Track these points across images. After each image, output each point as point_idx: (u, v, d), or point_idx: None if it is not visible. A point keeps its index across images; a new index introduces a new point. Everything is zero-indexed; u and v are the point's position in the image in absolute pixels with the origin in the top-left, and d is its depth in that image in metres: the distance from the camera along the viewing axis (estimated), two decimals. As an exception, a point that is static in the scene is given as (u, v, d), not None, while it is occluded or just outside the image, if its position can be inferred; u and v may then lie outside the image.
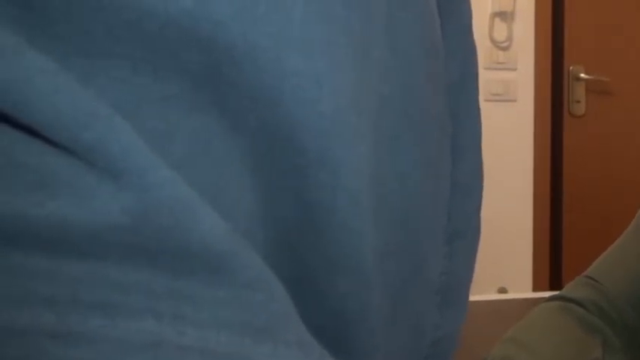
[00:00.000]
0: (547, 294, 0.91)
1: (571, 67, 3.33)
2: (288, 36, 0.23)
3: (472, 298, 1.71)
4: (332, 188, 0.24)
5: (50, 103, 0.19)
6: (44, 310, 0.18)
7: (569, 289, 0.83)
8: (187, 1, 0.21)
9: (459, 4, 0.35)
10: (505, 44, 3.22)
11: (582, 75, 3.33)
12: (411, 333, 0.32)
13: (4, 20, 0.20)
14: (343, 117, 0.24)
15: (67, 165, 0.19)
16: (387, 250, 0.28)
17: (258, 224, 0.24)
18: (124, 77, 0.21)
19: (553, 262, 3.33)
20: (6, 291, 0.18)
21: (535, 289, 3.23)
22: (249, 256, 0.21)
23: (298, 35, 0.23)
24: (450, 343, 0.35)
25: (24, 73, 0.19)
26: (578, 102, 3.36)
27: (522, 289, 3.20)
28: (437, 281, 0.33)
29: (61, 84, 0.19)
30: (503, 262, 3.22)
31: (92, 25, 0.21)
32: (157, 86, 0.22)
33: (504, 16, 3.20)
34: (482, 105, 2.74)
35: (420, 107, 0.30)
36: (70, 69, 0.20)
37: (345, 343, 0.27)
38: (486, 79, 3.18)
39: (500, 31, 3.21)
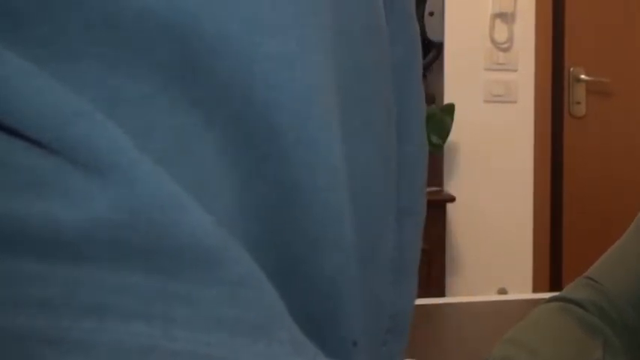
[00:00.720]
0: (547, 295, 0.90)
1: (571, 69, 3.33)
2: (259, 20, 0.23)
3: (472, 298, 1.71)
4: (311, 167, 0.25)
5: (32, 102, 0.19)
6: (37, 314, 0.18)
7: (569, 289, 0.83)
8: None
9: None
10: (505, 45, 3.22)
11: (583, 76, 3.33)
12: (374, 309, 0.32)
13: None
14: (316, 96, 0.25)
15: (52, 164, 0.19)
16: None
17: (239, 216, 0.24)
18: (99, 78, 0.21)
19: (553, 263, 3.33)
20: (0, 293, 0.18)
21: (535, 289, 3.23)
22: (238, 251, 0.21)
23: (270, 18, 0.23)
24: (407, 317, 0.36)
25: (3, 73, 0.19)
26: (579, 103, 3.35)
27: (522, 290, 3.19)
28: (390, 258, 0.34)
29: (42, 83, 0.19)
30: (504, 262, 3.22)
31: (66, 26, 0.21)
32: (132, 86, 0.22)
33: (505, 17, 3.20)
34: (483, 106, 2.72)
35: (368, 89, 0.30)
36: (45, 71, 0.20)
37: (333, 322, 0.27)
38: (487, 80, 3.18)
39: (501, 32, 3.21)
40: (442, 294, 2.92)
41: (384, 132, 0.32)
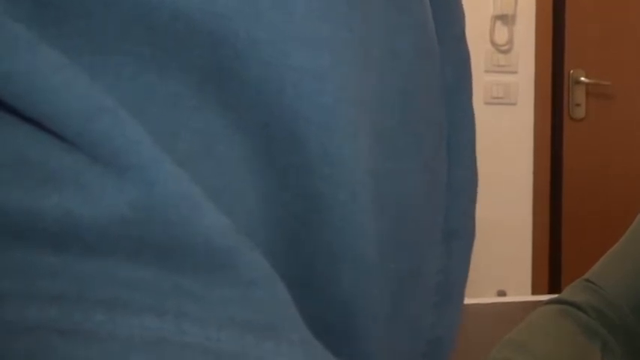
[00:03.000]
0: (546, 297, 0.91)
1: (571, 71, 3.33)
2: (291, 31, 0.23)
3: (471, 300, 1.71)
4: (334, 182, 0.24)
5: (57, 96, 0.19)
6: (50, 306, 0.18)
7: (568, 292, 0.84)
8: None
9: (454, 11, 0.36)
10: (506, 47, 3.22)
11: (583, 78, 3.33)
12: (409, 331, 0.32)
13: (19, 15, 0.20)
14: (345, 111, 0.24)
15: (72, 159, 0.19)
16: (385, 248, 0.28)
17: (259, 223, 0.24)
18: (131, 75, 0.21)
19: (552, 265, 3.33)
20: (14, 286, 0.18)
21: (534, 292, 3.23)
22: (252, 253, 0.21)
23: (301, 30, 0.23)
24: (446, 343, 0.36)
25: (34, 65, 0.19)
26: (579, 105, 3.36)
27: (521, 292, 3.19)
28: (434, 281, 0.34)
29: (70, 78, 0.19)
30: (503, 264, 3.22)
31: (104, 21, 0.21)
32: (163, 84, 0.22)
33: (505, 19, 3.20)
34: (483, 108, 2.73)
35: (416, 109, 0.30)
36: (79, 65, 0.20)
37: (348, 338, 0.27)
38: (487, 82, 3.18)
39: (501, 34, 3.21)
40: (441, 295, 2.92)
41: (434, 154, 0.32)
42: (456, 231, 0.35)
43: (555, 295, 0.86)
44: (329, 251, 0.25)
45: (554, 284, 3.28)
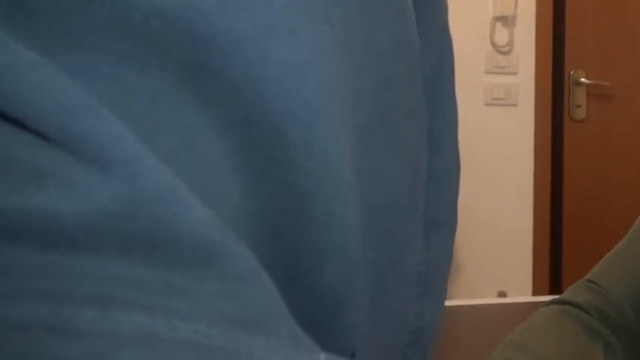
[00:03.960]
0: (547, 298, 0.91)
1: (572, 72, 3.33)
2: (271, 25, 0.23)
3: (472, 301, 1.71)
4: (317, 176, 0.24)
5: (37, 94, 0.19)
6: (38, 304, 0.18)
7: (570, 292, 0.84)
8: None
9: (436, 1, 0.36)
10: (506, 48, 3.22)
11: (583, 79, 3.33)
12: (393, 322, 0.32)
13: None
14: (327, 106, 0.24)
15: (54, 157, 0.19)
16: (366, 240, 0.28)
17: (243, 218, 0.24)
18: (110, 73, 0.21)
19: (553, 266, 3.33)
20: (1, 284, 0.18)
21: (535, 293, 3.23)
22: (239, 247, 0.21)
23: (281, 24, 0.23)
24: (429, 333, 0.36)
25: (11, 64, 0.19)
26: (579, 106, 3.36)
27: (522, 293, 3.19)
28: (416, 271, 0.34)
29: (48, 76, 0.19)
30: (503, 265, 3.21)
31: (78, 20, 0.21)
32: (143, 82, 0.22)
33: (505, 20, 3.20)
34: (483, 109, 2.72)
35: (395, 101, 0.30)
36: (56, 65, 0.20)
37: (334, 331, 0.27)
38: (487, 83, 3.18)
39: (502, 36, 3.21)
40: (442, 297, 2.91)
41: (414, 144, 0.32)
42: (437, 221, 0.36)
43: (556, 296, 0.86)
44: (313, 245, 0.25)
45: (554, 285, 3.28)
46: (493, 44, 3.19)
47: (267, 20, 0.23)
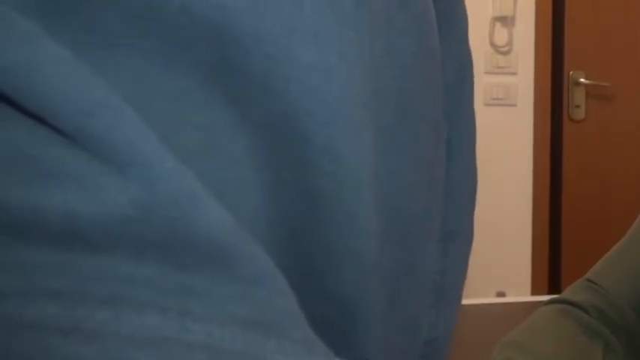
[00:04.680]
0: (546, 297, 0.91)
1: (571, 72, 3.33)
2: (298, 27, 0.23)
3: (470, 301, 1.71)
4: (337, 178, 0.24)
5: (58, 90, 0.19)
6: (51, 304, 0.18)
7: (569, 292, 0.83)
8: None
9: (456, 10, 0.36)
10: (505, 49, 3.22)
11: (582, 80, 3.33)
12: (407, 330, 0.32)
13: (25, 8, 0.20)
14: (349, 109, 0.24)
15: (72, 156, 0.19)
16: (383, 244, 0.28)
17: (262, 218, 0.24)
18: (137, 69, 0.21)
19: (552, 266, 3.33)
20: (14, 284, 0.18)
21: (534, 292, 3.23)
22: (254, 250, 0.21)
23: (308, 27, 0.23)
24: (444, 343, 0.35)
25: (36, 58, 0.19)
26: (578, 107, 3.36)
27: (521, 293, 3.19)
28: (431, 280, 0.34)
29: (73, 72, 0.19)
30: (502, 265, 3.22)
31: (109, 15, 0.21)
32: (170, 79, 0.22)
33: (505, 20, 3.20)
34: (483, 109, 2.72)
35: (414, 108, 0.30)
36: (85, 59, 0.20)
37: (347, 335, 0.27)
38: (486, 83, 3.18)
39: (501, 36, 3.21)
40: (441, 297, 2.91)
41: (432, 152, 0.32)
42: (454, 232, 0.35)
43: (555, 296, 0.86)
44: (330, 248, 0.25)
45: (553, 285, 3.28)
46: (492, 44, 3.19)
47: (294, 22, 0.23)
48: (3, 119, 0.19)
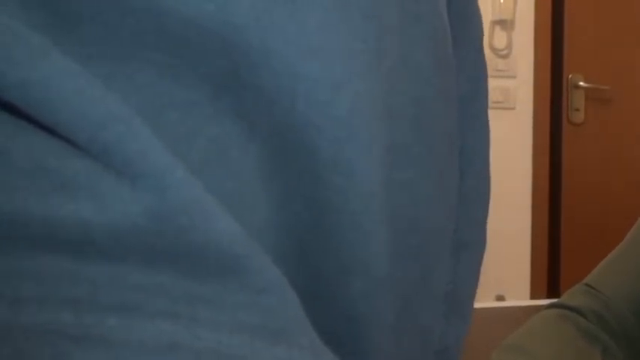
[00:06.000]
0: (545, 302, 0.91)
1: (570, 75, 3.34)
2: (304, 42, 0.23)
3: (470, 305, 1.70)
4: (346, 191, 0.25)
5: (70, 103, 0.19)
6: (62, 311, 0.18)
7: (568, 297, 0.83)
8: (209, 4, 0.21)
9: (471, 21, 0.36)
10: (505, 52, 3.22)
11: (581, 83, 3.33)
12: (418, 340, 0.32)
13: (34, 22, 0.20)
14: (357, 122, 0.25)
15: (85, 167, 0.19)
16: (395, 257, 0.28)
17: (270, 230, 0.24)
18: (147, 82, 0.22)
19: (551, 270, 3.33)
20: (30, 291, 0.18)
21: (533, 296, 3.23)
22: (263, 259, 0.21)
23: (314, 42, 0.23)
24: (455, 352, 0.36)
25: (48, 73, 0.19)
26: (577, 110, 3.36)
27: (520, 297, 3.19)
28: (443, 290, 0.34)
29: (83, 85, 0.19)
30: (501, 269, 3.22)
31: (119, 29, 0.21)
32: (179, 92, 0.22)
33: (504, 24, 3.21)
34: (482, 112, 2.70)
35: (430, 120, 0.30)
36: (95, 72, 0.20)
37: (355, 347, 0.27)
38: (486, 86, 3.19)
39: (500, 39, 3.21)
40: (440, 300, 2.92)
41: (445, 164, 0.32)
42: (467, 242, 0.35)
43: (554, 300, 0.86)
44: (338, 261, 0.25)
45: (552, 289, 3.28)
46: (492, 48, 3.20)
47: (300, 38, 0.23)
48: (20, 132, 0.19)
